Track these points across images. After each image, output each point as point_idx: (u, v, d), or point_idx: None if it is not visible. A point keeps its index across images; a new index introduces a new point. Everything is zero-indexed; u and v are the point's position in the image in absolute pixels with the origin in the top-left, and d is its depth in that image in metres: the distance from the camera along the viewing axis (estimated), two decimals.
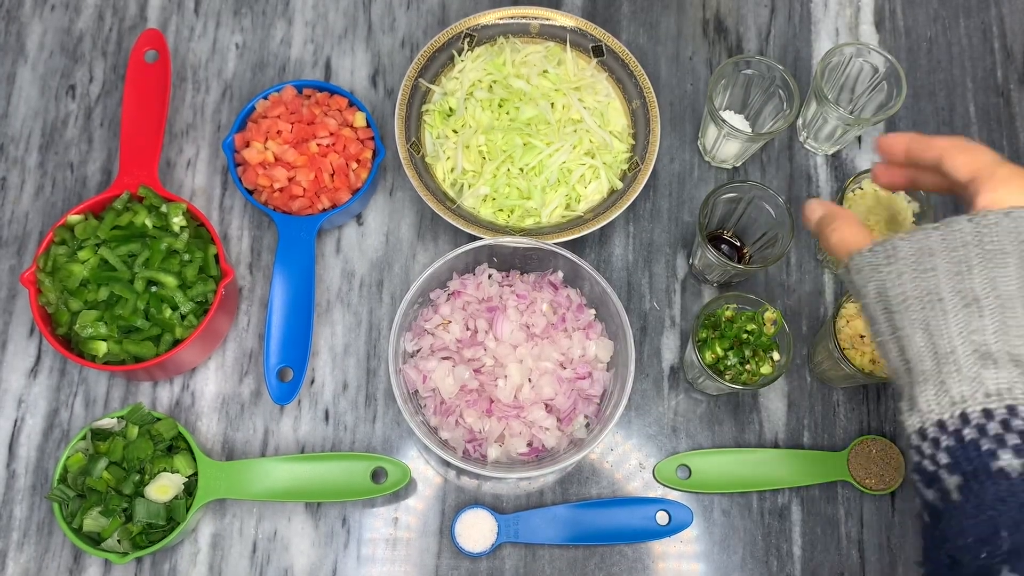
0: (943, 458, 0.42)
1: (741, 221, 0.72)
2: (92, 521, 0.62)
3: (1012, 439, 0.41)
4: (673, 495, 0.69)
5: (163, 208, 0.68)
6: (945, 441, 0.42)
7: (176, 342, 0.66)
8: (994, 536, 0.40)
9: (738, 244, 0.74)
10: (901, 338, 0.45)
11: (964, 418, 0.42)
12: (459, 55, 0.78)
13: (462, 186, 0.74)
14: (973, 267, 0.43)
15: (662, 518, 0.67)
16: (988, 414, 0.41)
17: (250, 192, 0.72)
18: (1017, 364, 0.42)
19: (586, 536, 0.66)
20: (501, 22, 0.78)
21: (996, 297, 0.43)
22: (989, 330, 0.43)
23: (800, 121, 0.78)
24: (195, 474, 0.65)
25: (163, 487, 0.63)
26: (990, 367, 0.42)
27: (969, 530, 0.41)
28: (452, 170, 0.74)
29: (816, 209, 0.53)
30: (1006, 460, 0.40)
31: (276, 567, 0.66)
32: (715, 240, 0.74)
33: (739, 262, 0.73)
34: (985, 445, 0.41)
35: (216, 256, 0.68)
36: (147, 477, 0.63)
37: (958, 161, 0.48)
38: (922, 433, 0.43)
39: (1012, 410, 0.41)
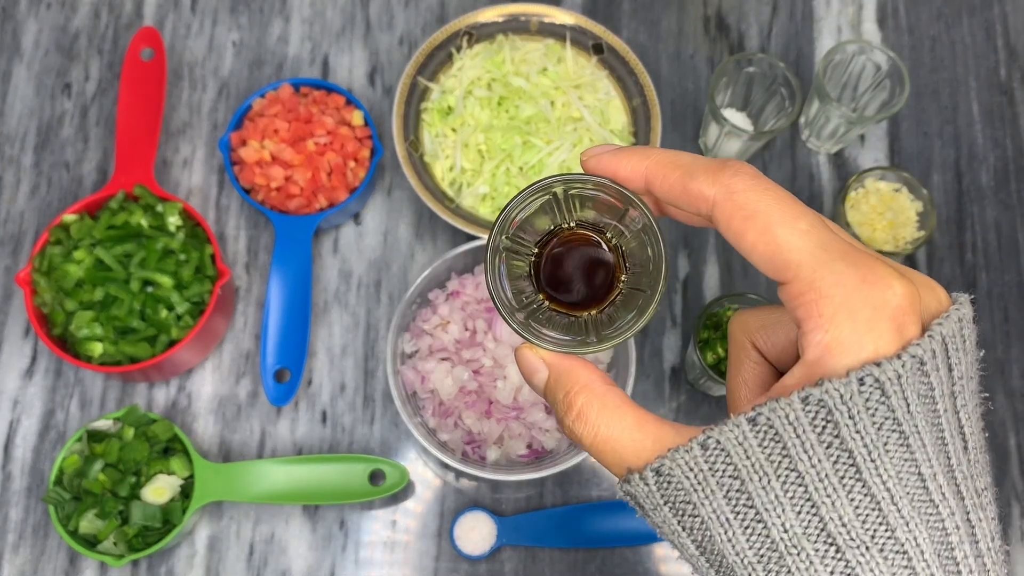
0: None
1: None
2: (88, 523, 0.61)
3: None
4: None
5: (159, 208, 0.68)
6: None
7: (172, 343, 0.65)
8: None
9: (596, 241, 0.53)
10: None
11: None
12: (458, 53, 0.77)
13: (461, 185, 0.73)
14: (838, 487, 0.26)
15: None
16: None
17: (247, 191, 0.71)
18: None
19: (586, 539, 0.66)
20: (500, 20, 0.78)
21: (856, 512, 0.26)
22: None
23: (802, 119, 0.78)
24: (191, 476, 0.64)
25: (159, 489, 0.62)
26: None
27: None
28: (451, 169, 0.74)
29: (534, 367, 0.32)
30: None
31: (273, 570, 0.66)
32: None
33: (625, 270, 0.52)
34: None
35: (212, 256, 0.68)
36: (143, 479, 0.63)
37: (747, 243, 0.27)
38: None
39: None
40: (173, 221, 0.67)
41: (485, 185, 0.72)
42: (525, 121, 0.73)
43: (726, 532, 0.27)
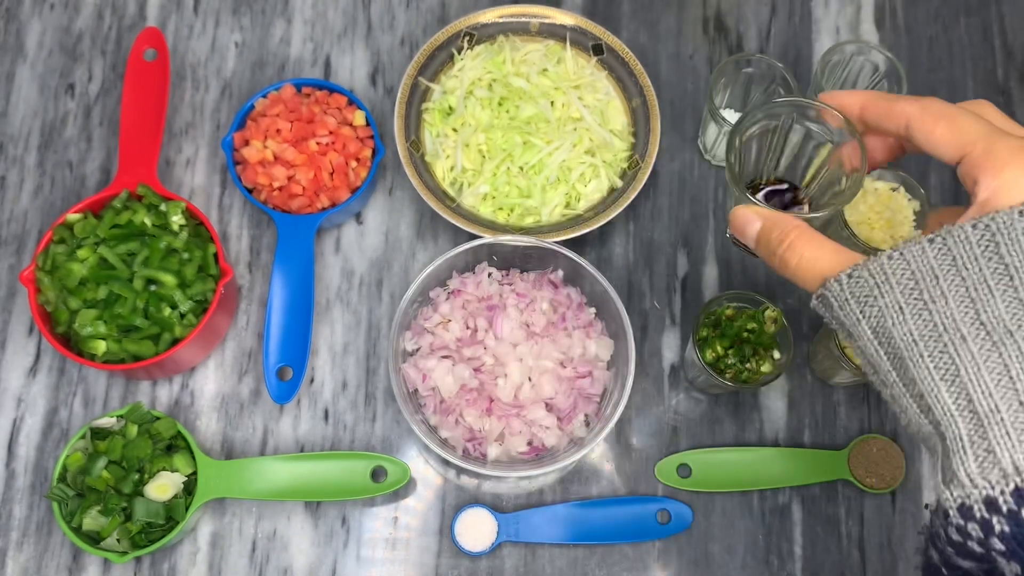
0: (997, 544, 0.32)
1: (782, 162, 0.52)
2: (91, 520, 0.61)
3: None
4: (674, 494, 0.69)
5: (162, 207, 0.68)
6: (1000, 525, 0.32)
7: (175, 341, 0.65)
8: None
9: (786, 187, 0.53)
10: (922, 393, 0.34)
11: (1019, 495, 0.31)
12: (459, 53, 0.78)
13: (462, 185, 0.74)
14: (993, 289, 0.33)
15: (663, 517, 0.67)
16: None
17: (249, 191, 0.72)
18: None
19: (586, 535, 0.66)
20: (501, 20, 0.78)
21: None
22: None
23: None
24: (194, 473, 0.64)
25: (162, 486, 0.63)
26: None
27: None
28: (452, 169, 0.74)
29: (750, 219, 0.41)
30: None
31: (275, 566, 0.66)
32: (756, 194, 0.53)
33: (800, 208, 0.51)
34: None
35: (215, 255, 0.68)
36: (146, 476, 0.63)
37: (936, 135, 0.37)
38: (965, 512, 0.33)
39: None
40: (176, 220, 0.68)
41: (486, 185, 0.72)
42: (525, 121, 0.74)
43: (898, 317, 0.35)
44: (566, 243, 0.70)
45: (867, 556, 0.68)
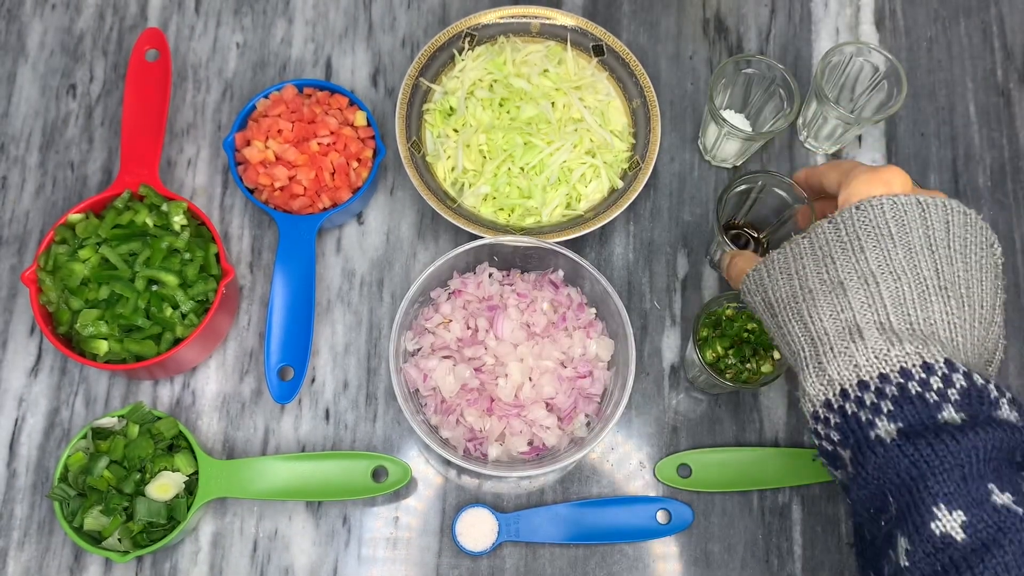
0: (834, 435, 0.45)
1: (753, 210, 0.71)
2: (93, 520, 0.62)
3: (885, 406, 0.43)
4: (674, 494, 0.69)
5: (164, 207, 0.68)
6: (833, 419, 0.45)
7: (177, 341, 0.66)
8: (885, 503, 0.43)
9: (753, 234, 0.73)
10: (785, 334, 0.50)
11: (844, 394, 0.44)
12: (460, 54, 0.78)
13: (463, 185, 0.74)
14: (835, 257, 0.48)
15: (663, 517, 0.67)
16: (863, 385, 0.44)
17: (251, 191, 0.72)
18: (882, 331, 0.45)
19: (587, 535, 0.66)
20: (502, 21, 0.78)
21: (857, 278, 0.47)
22: (854, 307, 0.46)
23: (800, 120, 0.78)
24: (196, 473, 0.65)
25: (164, 486, 0.63)
26: (858, 340, 0.45)
27: (865, 500, 0.44)
28: (453, 169, 0.74)
29: (723, 257, 0.61)
30: (881, 427, 0.43)
31: (277, 566, 0.66)
32: (728, 232, 0.73)
33: (757, 249, 0.72)
34: (863, 416, 0.44)
35: (217, 255, 0.68)
36: (148, 476, 0.63)
37: (830, 178, 0.54)
38: (815, 416, 0.46)
39: (883, 377, 0.44)
40: (178, 220, 0.68)
41: (486, 185, 0.73)
42: (526, 122, 0.74)
43: (775, 287, 0.51)
44: (566, 243, 0.70)
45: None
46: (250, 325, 0.72)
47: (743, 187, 0.69)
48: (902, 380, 0.43)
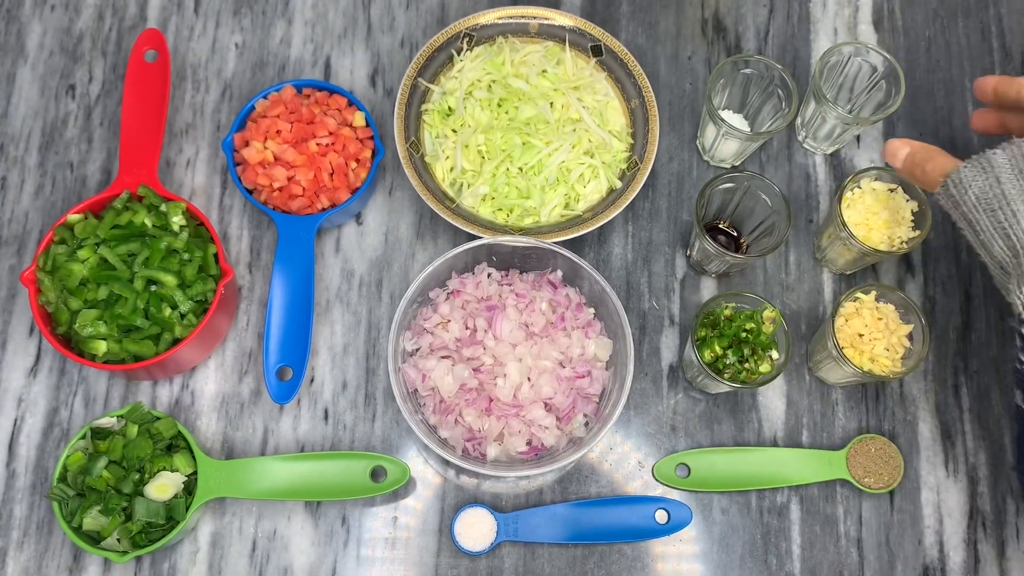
0: None
1: (738, 211, 0.73)
2: (92, 520, 0.62)
3: None
4: (672, 494, 0.69)
5: (163, 207, 0.68)
6: None
7: (176, 341, 0.66)
8: None
9: (735, 234, 0.74)
10: (1006, 227, 0.53)
11: None
12: (458, 55, 0.78)
13: (461, 185, 0.74)
14: None
15: (661, 517, 0.67)
16: None
17: (249, 191, 0.72)
18: None
19: (585, 535, 0.66)
20: (500, 22, 0.78)
21: None
22: None
23: (798, 120, 0.78)
24: (195, 473, 0.65)
25: (163, 486, 0.63)
26: None
27: None
28: (451, 169, 0.74)
29: (900, 148, 0.61)
30: None
31: (276, 566, 0.66)
32: (712, 231, 0.74)
33: (736, 252, 0.73)
34: None
35: (216, 255, 0.68)
36: (147, 476, 0.63)
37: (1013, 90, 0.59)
38: None
39: None
40: (177, 221, 0.68)
41: (485, 185, 0.73)
42: (525, 122, 0.74)
43: (995, 186, 0.54)
44: (565, 243, 0.70)
45: (865, 556, 0.68)
46: (249, 325, 0.72)
47: (727, 185, 0.69)
48: None
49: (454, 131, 0.75)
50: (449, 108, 0.76)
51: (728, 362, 0.65)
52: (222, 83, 0.80)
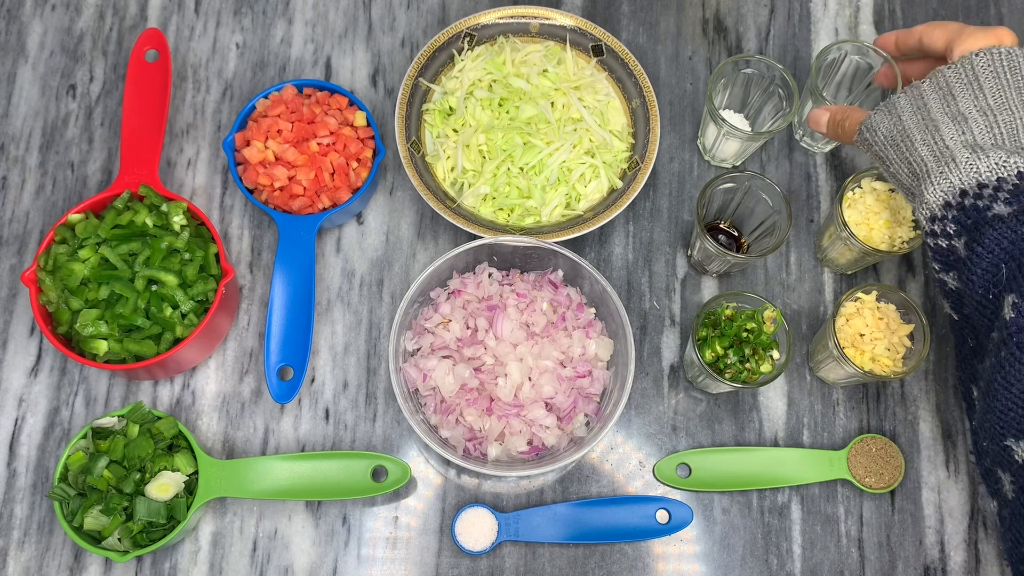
0: (951, 227, 0.55)
1: (738, 211, 0.73)
2: (93, 519, 0.62)
3: (1003, 195, 0.53)
4: (673, 494, 0.69)
5: (164, 207, 0.68)
6: (950, 214, 0.55)
7: (177, 341, 0.66)
8: (996, 272, 0.53)
9: (736, 234, 0.75)
10: (908, 157, 0.58)
11: (963, 193, 0.55)
12: (459, 54, 0.78)
13: (462, 185, 0.74)
14: (956, 96, 0.58)
15: (662, 516, 0.67)
16: (981, 185, 0.54)
17: (250, 191, 0.72)
18: (1001, 149, 0.55)
19: (586, 535, 0.66)
20: (501, 21, 0.78)
21: (978, 111, 0.57)
22: (975, 133, 0.56)
23: (796, 119, 0.78)
24: (196, 473, 0.65)
25: (164, 485, 0.63)
26: (979, 155, 0.55)
27: (977, 279, 0.54)
28: (452, 169, 0.74)
29: (822, 114, 0.67)
30: (999, 208, 0.53)
31: (276, 566, 0.66)
32: (713, 231, 0.75)
33: (737, 252, 0.73)
34: (981, 203, 0.54)
35: (216, 255, 0.68)
36: (148, 476, 0.63)
37: (934, 35, 0.63)
38: (932, 219, 0.56)
39: (1001, 180, 0.54)
40: (177, 220, 0.68)
41: (486, 185, 0.73)
42: (526, 122, 0.74)
43: (897, 122, 0.60)
44: (566, 243, 0.70)
45: (866, 555, 0.68)
46: (250, 325, 0.72)
47: (728, 185, 0.70)
48: (1017, 181, 0.53)
49: (455, 131, 0.75)
50: (450, 108, 0.76)
51: (729, 362, 0.65)
52: (223, 83, 0.80)
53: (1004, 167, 0.54)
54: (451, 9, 0.83)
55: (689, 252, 0.74)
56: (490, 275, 0.69)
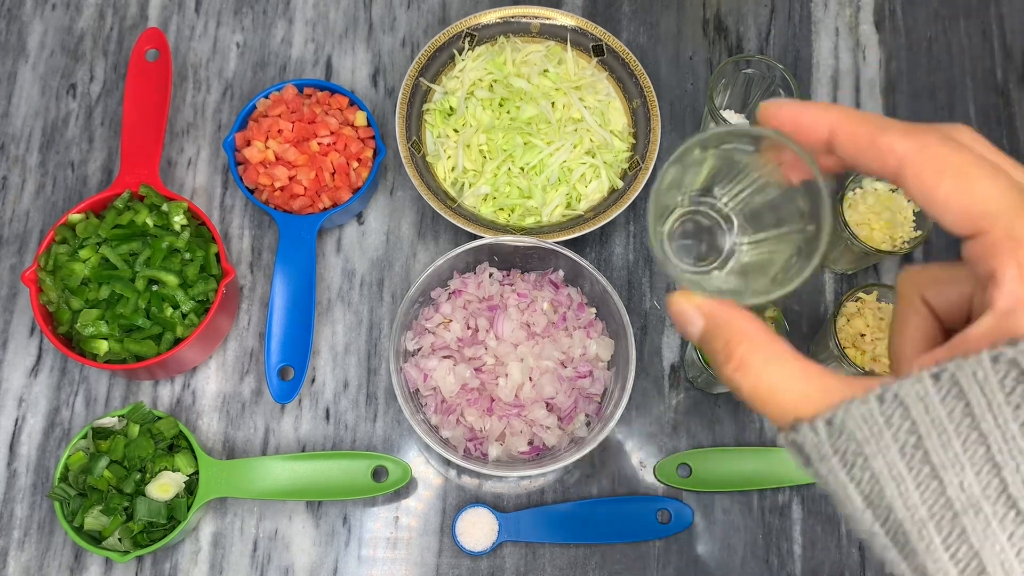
0: None
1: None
2: (93, 520, 0.62)
3: None
4: (674, 494, 0.69)
5: (164, 207, 0.68)
6: None
7: (177, 341, 0.66)
8: None
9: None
10: (923, 567, 0.26)
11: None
12: (460, 54, 0.78)
13: (463, 185, 0.74)
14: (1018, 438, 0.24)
15: (663, 517, 0.67)
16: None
17: (251, 191, 0.72)
18: None
19: (587, 535, 0.66)
20: (502, 21, 0.78)
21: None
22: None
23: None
24: (196, 473, 0.65)
25: (164, 486, 0.63)
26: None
27: None
28: (453, 169, 0.74)
29: (690, 317, 0.31)
30: None
31: (277, 566, 0.66)
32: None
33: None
34: None
35: (217, 255, 0.68)
36: (148, 476, 0.63)
37: (940, 196, 0.27)
38: None
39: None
40: (178, 220, 0.68)
41: (487, 185, 0.73)
42: (526, 122, 0.74)
43: (899, 487, 0.26)
44: (567, 243, 0.70)
45: (867, 556, 0.68)
46: (250, 325, 0.72)
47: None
48: None
49: (455, 131, 0.75)
50: (451, 108, 0.76)
51: None
52: (223, 82, 0.80)
53: None
54: (452, 9, 0.83)
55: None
56: (491, 275, 0.69)
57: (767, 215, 0.32)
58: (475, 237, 0.70)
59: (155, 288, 0.66)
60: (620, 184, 0.74)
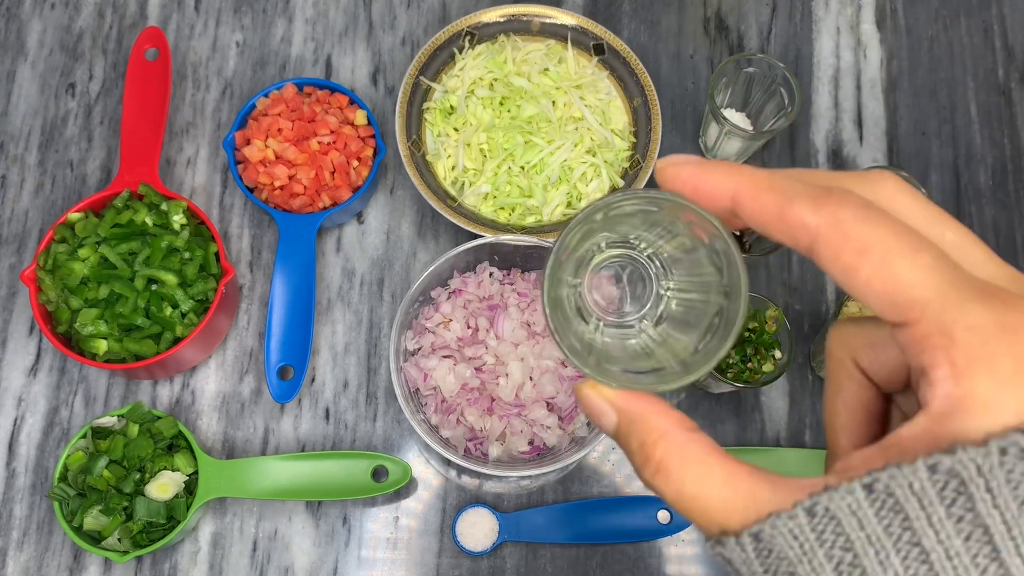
0: None
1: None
2: (92, 520, 0.61)
3: None
4: None
5: (163, 206, 0.68)
6: None
7: (176, 340, 0.65)
8: None
9: (738, 234, 0.74)
10: None
11: None
12: (460, 53, 0.78)
13: (463, 184, 0.74)
14: (968, 567, 0.22)
15: (663, 517, 0.67)
16: None
17: (250, 190, 0.72)
18: None
19: (587, 535, 0.66)
20: (502, 20, 0.78)
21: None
22: None
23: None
24: (195, 473, 0.64)
25: (163, 485, 0.63)
26: None
27: None
28: (453, 168, 0.74)
29: (601, 411, 0.28)
30: None
31: (277, 566, 0.66)
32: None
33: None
34: None
35: (216, 254, 0.68)
36: (147, 475, 0.63)
37: (862, 279, 0.23)
38: None
39: None
40: (177, 219, 0.68)
41: (487, 184, 0.72)
42: (527, 121, 0.74)
43: None
44: None
45: None
46: (250, 324, 0.72)
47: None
48: None
49: (456, 130, 0.75)
50: (451, 107, 0.76)
51: (731, 362, 0.65)
52: (223, 81, 0.80)
53: None
54: (452, 7, 0.83)
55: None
56: (491, 274, 0.69)
57: (686, 263, 0.30)
58: (475, 236, 0.69)
59: (154, 287, 0.66)
60: (621, 183, 0.74)
